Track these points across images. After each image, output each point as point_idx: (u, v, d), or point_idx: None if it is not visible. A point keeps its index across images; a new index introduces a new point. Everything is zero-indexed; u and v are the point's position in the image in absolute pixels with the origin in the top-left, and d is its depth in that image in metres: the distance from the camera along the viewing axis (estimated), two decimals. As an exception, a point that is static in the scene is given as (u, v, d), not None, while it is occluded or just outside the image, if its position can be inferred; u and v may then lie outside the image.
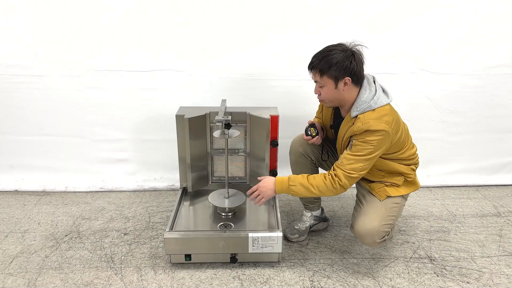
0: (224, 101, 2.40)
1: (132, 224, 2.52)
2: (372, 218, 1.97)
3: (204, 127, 2.41)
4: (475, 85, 2.87)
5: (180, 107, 2.50)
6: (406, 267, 2.13)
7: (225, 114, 2.15)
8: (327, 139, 2.27)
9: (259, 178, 2.07)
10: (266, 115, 2.29)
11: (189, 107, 2.52)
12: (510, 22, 2.72)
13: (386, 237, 2.01)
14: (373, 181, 2.09)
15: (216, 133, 2.15)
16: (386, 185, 2.06)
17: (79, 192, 2.91)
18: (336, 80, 1.87)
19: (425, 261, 2.19)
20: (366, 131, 1.84)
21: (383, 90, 1.97)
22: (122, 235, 2.40)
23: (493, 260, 2.21)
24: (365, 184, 2.12)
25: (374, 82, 1.97)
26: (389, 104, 1.93)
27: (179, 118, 2.33)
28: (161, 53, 2.69)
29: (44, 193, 2.89)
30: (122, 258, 2.19)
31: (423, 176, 3.08)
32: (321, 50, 1.92)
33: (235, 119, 2.38)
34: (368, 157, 1.87)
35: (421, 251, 2.28)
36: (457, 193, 2.98)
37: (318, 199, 2.42)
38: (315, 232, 2.44)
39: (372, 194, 2.06)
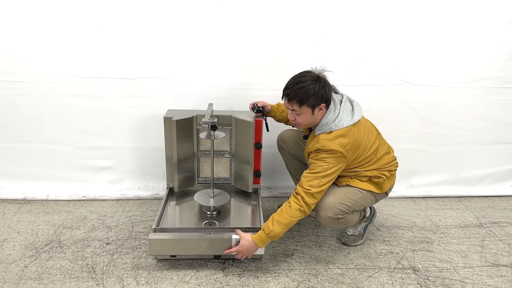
0: (210, 104, 2.41)
1: (115, 233, 2.48)
2: (329, 195, 2.11)
3: (191, 129, 2.48)
4: (458, 97, 2.92)
5: (168, 109, 2.56)
6: (390, 277, 2.14)
7: (211, 117, 2.17)
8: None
9: (234, 236, 2.09)
10: (251, 118, 2.37)
11: (177, 109, 2.59)
12: (491, 37, 2.79)
13: (340, 217, 2.11)
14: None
15: (203, 135, 2.18)
16: (351, 177, 2.20)
17: (61, 200, 2.85)
18: (313, 108, 2.00)
19: (408, 271, 2.21)
20: (318, 149, 2.00)
21: (352, 109, 2.09)
22: (104, 244, 2.36)
23: (475, 270, 2.23)
24: None
25: (341, 103, 2.08)
26: (351, 126, 2.02)
27: (167, 120, 2.39)
28: (147, 60, 2.67)
29: (25, 201, 2.83)
30: (104, 268, 2.15)
31: (406, 186, 3.11)
32: (293, 81, 2.02)
33: (221, 122, 2.47)
34: (323, 173, 1.99)
35: (404, 262, 2.29)
36: (440, 203, 3.02)
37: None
38: (300, 243, 2.43)
39: (335, 184, 2.20)
